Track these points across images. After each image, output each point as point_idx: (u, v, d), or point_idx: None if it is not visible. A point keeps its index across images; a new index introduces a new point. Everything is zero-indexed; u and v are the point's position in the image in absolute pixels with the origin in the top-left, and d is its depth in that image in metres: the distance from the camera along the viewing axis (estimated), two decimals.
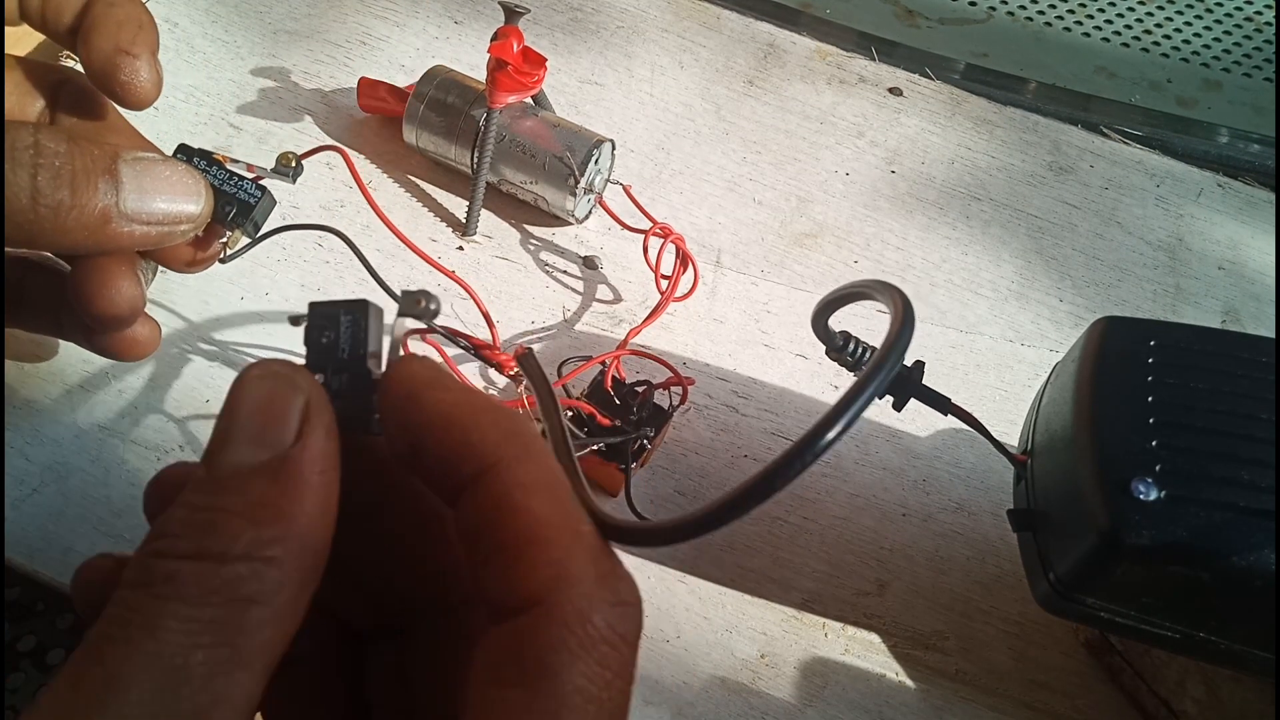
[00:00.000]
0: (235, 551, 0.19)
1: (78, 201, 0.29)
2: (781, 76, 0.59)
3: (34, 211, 0.29)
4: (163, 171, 0.31)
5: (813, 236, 0.52)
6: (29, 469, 0.40)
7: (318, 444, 0.21)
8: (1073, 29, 0.68)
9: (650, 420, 0.40)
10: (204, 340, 0.44)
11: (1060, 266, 0.52)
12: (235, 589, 0.18)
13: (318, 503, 0.20)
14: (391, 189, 0.51)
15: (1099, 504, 0.30)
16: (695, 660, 0.38)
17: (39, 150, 0.29)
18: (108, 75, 0.33)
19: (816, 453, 0.20)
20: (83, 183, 0.29)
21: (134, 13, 0.33)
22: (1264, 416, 0.31)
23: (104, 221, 0.30)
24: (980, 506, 0.43)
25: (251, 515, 0.19)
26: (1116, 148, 0.58)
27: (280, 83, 0.54)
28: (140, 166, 0.31)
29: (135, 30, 0.33)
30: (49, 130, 0.29)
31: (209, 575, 0.18)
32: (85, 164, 0.29)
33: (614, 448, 0.40)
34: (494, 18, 0.54)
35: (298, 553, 0.19)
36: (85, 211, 0.29)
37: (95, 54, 0.32)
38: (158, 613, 0.18)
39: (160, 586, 0.18)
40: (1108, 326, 0.35)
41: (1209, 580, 0.29)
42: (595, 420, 0.40)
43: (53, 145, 0.29)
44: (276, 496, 0.20)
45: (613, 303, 0.48)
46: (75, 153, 0.29)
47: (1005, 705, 0.38)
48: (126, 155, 0.31)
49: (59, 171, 0.29)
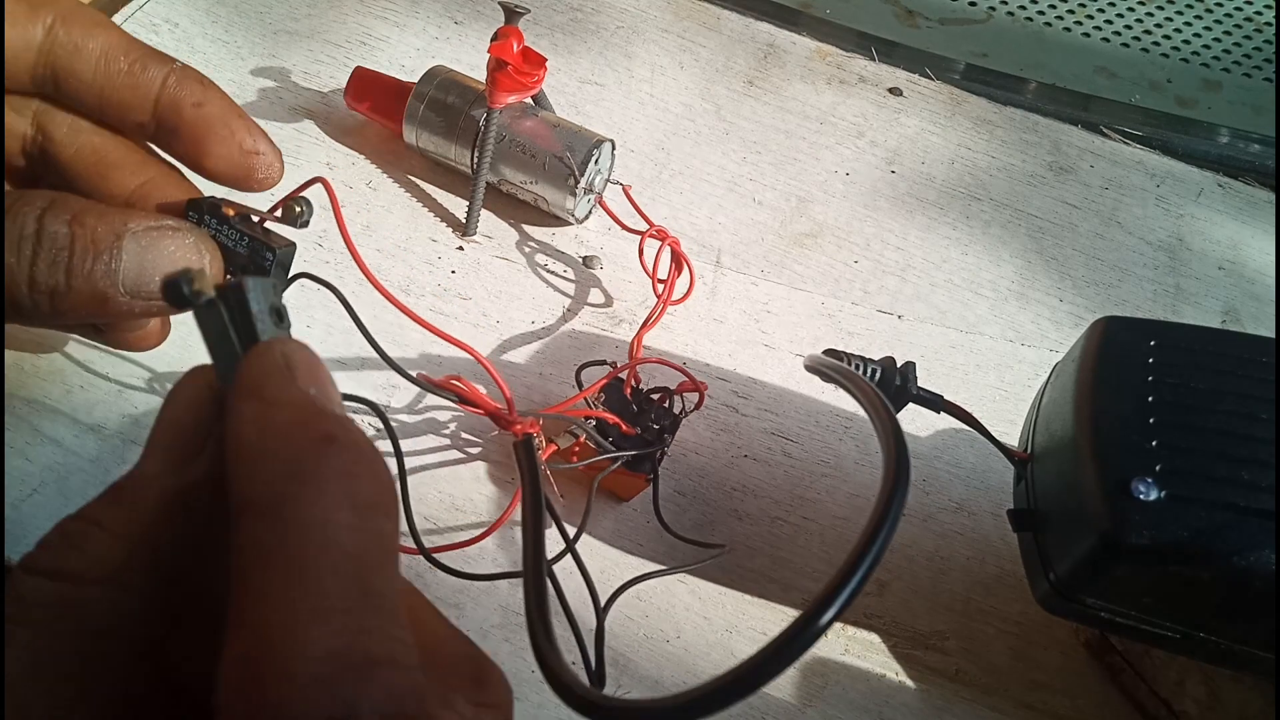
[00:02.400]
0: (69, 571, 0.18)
1: (74, 286, 0.29)
2: (781, 76, 0.59)
3: (30, 298, 0.28)
4: (168, 246, 0.31)
5: (813, 236, 0.52)
6: (29, 469, 0.40)
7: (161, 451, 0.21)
8: (1073, 29, 0.68)
9: (670, 427, 0.40)
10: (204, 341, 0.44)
11: (1060, 266, 0.52)
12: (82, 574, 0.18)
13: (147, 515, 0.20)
14: (391, 189, 0.51)
15: (1099, 504, 0.30)
16: (695, 660, 0.38)
17: (40, 238, 0.28)
18: (240, 181, 0.33)
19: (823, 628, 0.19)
20: (80, 268, 0.29)
21: (226, 104, 0.33)
22: (1264, 416, 0.31)
23: (101, 301, 0.29)
24: (980, 506, 0.43)
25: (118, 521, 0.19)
26: (1116, 148, 0.58)
27: (280, 83, 0.54)
28: (146, 240, 0.30)
29: (242, 124, 0.32)
30: (55, 209, 0.29)
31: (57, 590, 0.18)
32: (84, 245, 0.29)
33: (638, 456, 0.39)
34: (494, 18, 0.54)
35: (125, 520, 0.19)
36: (82, 295, 0.29)
37: (222, 164, 0.32)
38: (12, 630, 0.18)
39: (17, 613, 0.18)
40: (1108, 326, 0.35)
41: (1209, 580, 0.29)
42: (620, 430, 0.39)
43: (53, 228, 0.28)
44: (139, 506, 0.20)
45: (613, 302, 0.48)
46: (76, 234, 0.29)
47: (1005, 705, 0.38)
48: (134, 227, 0.30)
49: (55, 259, 0.28)
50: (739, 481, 0.43)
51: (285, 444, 0.18)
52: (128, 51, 0.32)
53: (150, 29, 0.55)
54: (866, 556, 0.20)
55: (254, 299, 0.20)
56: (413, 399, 0.43)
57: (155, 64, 0.32)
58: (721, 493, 0.42)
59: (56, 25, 0.30)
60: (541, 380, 0.45)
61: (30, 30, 0.30)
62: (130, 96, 0.31)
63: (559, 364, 0.45)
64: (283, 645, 0.16)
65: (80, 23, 0.31)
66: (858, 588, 0.19)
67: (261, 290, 0.20)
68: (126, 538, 0.19)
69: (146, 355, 0.43)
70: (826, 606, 0.19)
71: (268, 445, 0.18)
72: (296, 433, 0.18)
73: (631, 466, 0.39)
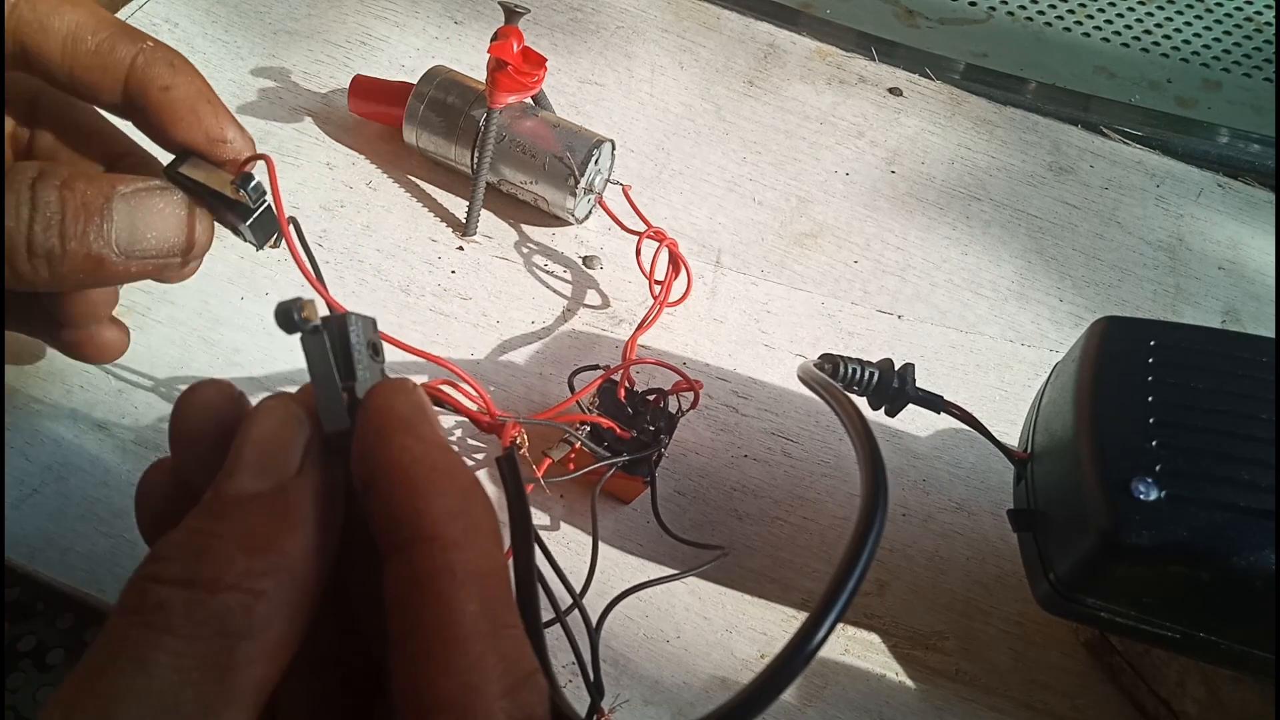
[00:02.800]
0: (226, 580, 0.19)
1: (69, 249, 0.29)
2: (781, 77, 0.59)
3: (29, 262, 0.28)
4: (157, 204, 0.30)
5: (813, 236, 0.52)
6: (29, 469, 0.40)
7: (317, 478, 0.20)
8: (1073, 29, 0.68)
9: (666, 428, 0.40)
10: (204, 341, 0.44)
11: (1060, 266, 0.52)
12: (225, 622, 0.18)
13: (312, 537, 0.20)
14: (391, 189, 0.51)
15: (1099, 504, 0.30)
16: (695, 660, 0.38)
17: (35, 203, 0.28)
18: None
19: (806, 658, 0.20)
20: (72, 230, 0.29)
21: (194, 88, 0.32)
22: (1264, 416, 0.31)
23: (98, 264, 0.29)
24: (980, 506, 0.43)
25: (245, 544, 0.19)
26: (1116, 148, 0.58)
27: (280, 83, 0.54)
28: (135, 200, 0.30)
29: (210, 109, 0.32)
30: (44, 176, 0.29)
31: (199, 605, 0.18)
32: (75, 209, 0.29)
33: (634, 460, 0.39)
34: (494, 18, 0.54)
35: (288, 586, 0.19)
36: (78, 258, 0.29)
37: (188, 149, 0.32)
38: (148, 645, 0.18)
39: (151, 614, 0.18)
40: (1108, 326, 0.35)
41: (1209, 580, 0.29)
42: (615, 434, 0.39)
43: (45, 195, 0.28)
44: (271, 527, 0.19)
45: (613, 303, 0.48)
46: (66, 199, 0.29)
47: (1005, 705, 0.38)
48: (122, 189, 0.30)
49: (49, 222, 0.28)
50: (739, 481, 0.43)
51: (451, 485, 0.20)
52: (96, 30, 0.31)
53: (150, 29, 0.55)
54: (849, 576, 0.20)
55: (355, 332, 0.22)
56: None
57: (124, 43, 0.31)
58: (721, 493, 0.42)
59: (20, 2, 0.30)
60: (541, 380, 0.45)
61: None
62: (99, 78, 0.31)
63: (559, 364, 0.45)
64: (467, 671, 0.18)
65: (46, 0, 0.30)
66: (844, 607, 0.20)
67: (362, 326, 0.22)
68: (251, 549, 0.20)
69: (146, 356, 0.43)
70: (802, 644, 0.19)
71: (438, 485, 0.20)
72: (459, 475, 0.20)
73: (629, 470, 0.39)
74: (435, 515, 0.19)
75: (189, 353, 0.44)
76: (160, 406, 0.42)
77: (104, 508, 0.39)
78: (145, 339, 0.43)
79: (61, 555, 0.38)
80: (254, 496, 0.20)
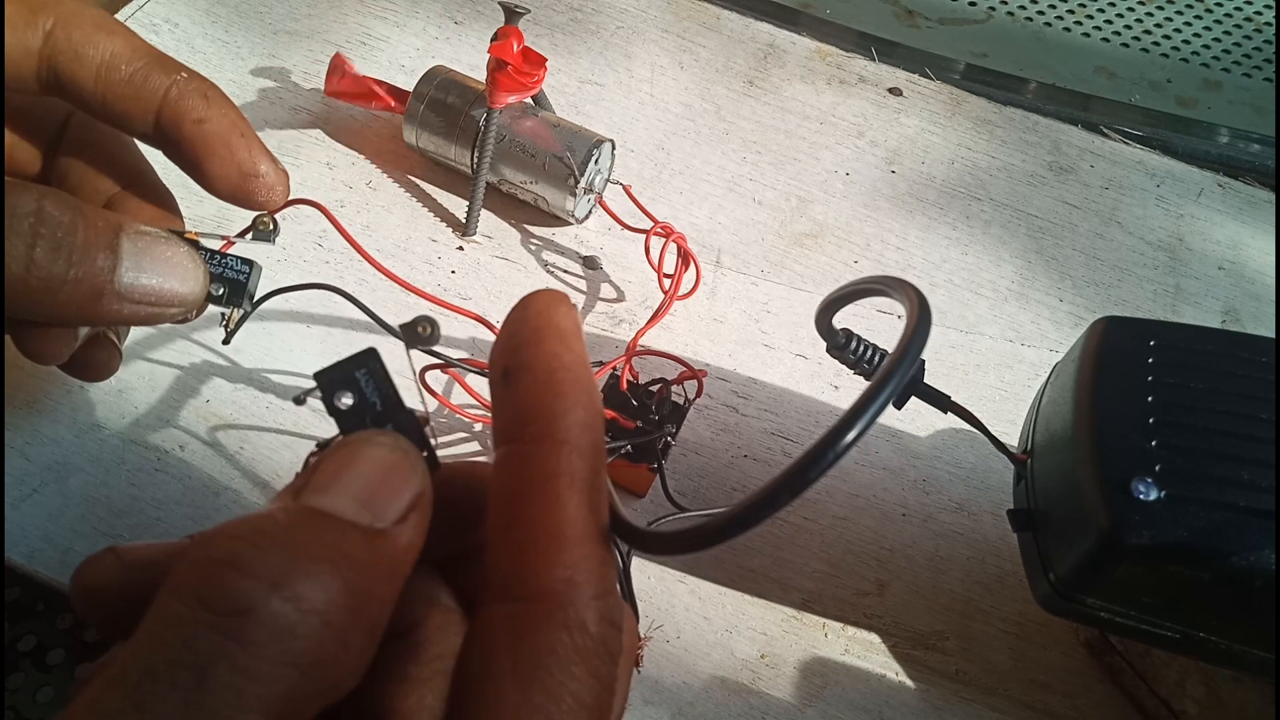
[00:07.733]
0: (314, 601, 0.17)
1: (73, 276, 0.28)
2: (781, 76, 0.59)
3: (25, 282, 0.27)
4: (164, 252, 0.30)
5: (813, 236, 0.52)
6: (29, 469, 0.40)
7: (418, 533, 0.20)
8: (1073, 29, 0.68)
9: (671, 417, 0.40)
10: (204, 341, 0.44)
11: (1060, 266, 0.52)
12: (302, 653, 0.17)
13: (392, 590, 0.19)
14: (391, 189, 0.51)
15: (1099, 504, 0.30)
16: (695, 660, 0.38)
17: (41, 219, 0.27)
18: (239, 201, 0.32)
19: (847, 446, 0.20)
20: (81, 257, 0.28)
21: (228, 121, 0.32)
22: (1264, 416, 0.31)
23: (96, 297, 0.29)
24: (980, 506, 0.43)
25: (336, 563, 0.18)
26: (1116, 148, 0.58)
27: (280, 83, 0.54)
28: (143, 244, 0.30)
29: (243, 143, 0.32)
30: (55, 197, 0.28)
31: (284, 615, 0.17)
32: (88, 238, 0.28)
33: (640, 447, 0.39)
34: (494, 18, 0.54)
35: (367, 629, 0.19)
36: (79, 287, 0.28)
37: (220, 184, 0.32)
38: (214, 659, 0.16)
39: (228, 621, 0.17)
40: (1108, 326, 0.35)
41: (1209, 580, 0.29)
42: (619, 424, 0.39)
43: (57, 215, 0.28)
44: (365, 564, 0.19)
45: (614, 302, 0.48)
46: (80, 225, 0.28)
47: (1005, 705, 0.38)
48: (130, 230, 0.29)
49: (59, 243, 0.28)
50: (739, 481, 0.43)
51: (589, 399, 0.20)
52: (130, 60, 0.31)
53: (150, 29, 0.55)
54: (899, 368, 0.21)
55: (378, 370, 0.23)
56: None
57: (158, 74, 0.31)
58: (721, 493, 0.42)
59: (56, 30, 0.30)
60: None
61: (28, 35, 0.29)
62: (131, 108, 0.31)
63: None
64: (571, 568, 0.19)
65: (82, 28, 0.30)
66: (891, 395, 0.21)
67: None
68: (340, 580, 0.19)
69: (145, 356, 0.43)
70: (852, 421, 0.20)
71: (578, 395, 0.20)
72: (596, 395, 0.21)
73: (635, 459, 0.39)
74: (569, 422, 0.20)
75: (189, 353, 0.44)
76: (160, 408, 0.42)
77: (104, 508, 0.39)
78: (145, 338, 0.43)
79: (61, 555, 0.38)
80: (352, 524, 0.19)
